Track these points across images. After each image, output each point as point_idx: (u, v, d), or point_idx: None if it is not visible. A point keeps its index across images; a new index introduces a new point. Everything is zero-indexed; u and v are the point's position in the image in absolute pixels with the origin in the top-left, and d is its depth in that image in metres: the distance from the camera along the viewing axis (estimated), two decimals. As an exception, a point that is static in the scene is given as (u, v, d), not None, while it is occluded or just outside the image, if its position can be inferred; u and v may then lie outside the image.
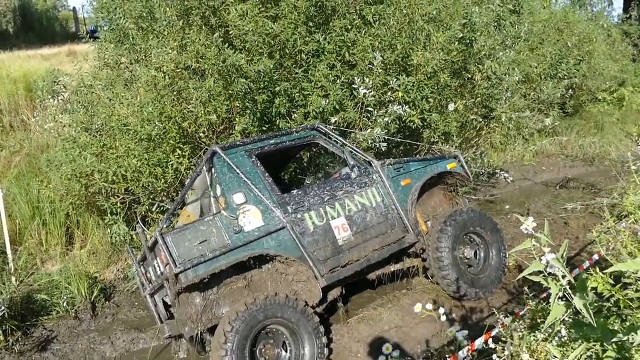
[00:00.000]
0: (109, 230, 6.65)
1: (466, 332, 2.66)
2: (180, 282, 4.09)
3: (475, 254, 5.41)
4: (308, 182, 6.49)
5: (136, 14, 6.43)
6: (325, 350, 4.33)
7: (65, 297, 6.21)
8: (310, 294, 4.57)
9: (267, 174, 4.71)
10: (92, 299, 6.32)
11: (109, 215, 6.45)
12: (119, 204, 6.38)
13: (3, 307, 5.54)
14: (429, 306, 2.92)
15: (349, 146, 5.32)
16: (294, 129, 5.22)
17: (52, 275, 6.60)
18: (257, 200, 4.51)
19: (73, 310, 6.17)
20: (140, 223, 4.82)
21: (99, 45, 7.55)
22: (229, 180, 4.52)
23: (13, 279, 6.44)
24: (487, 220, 5.48)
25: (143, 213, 6.33)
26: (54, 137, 8.94)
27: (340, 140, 5.33)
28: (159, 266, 4.47)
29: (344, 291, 5.11)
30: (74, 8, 37.53)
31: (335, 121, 6.02)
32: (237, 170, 4.52)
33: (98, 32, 7.51)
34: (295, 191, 4.82)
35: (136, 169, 5.95)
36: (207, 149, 5.52)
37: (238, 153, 4.69)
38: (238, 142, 4.80)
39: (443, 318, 2.91)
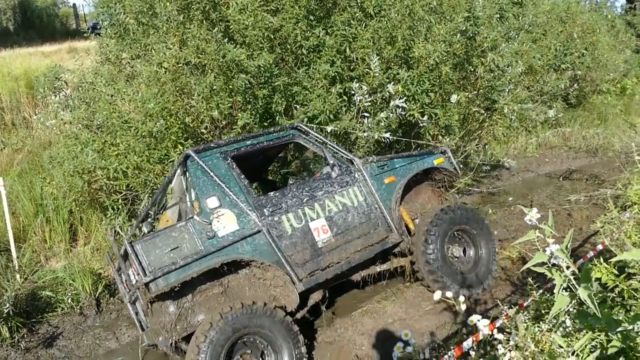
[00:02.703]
0: (111, 226, 6.66)
1: (487, 321, 2.64)
2: (151, 291, 3.96)
3: (464, 251, 5.26)
4: (292, 182, 6.30)
5: (136, 9, 6.42)
6: None
7: (69, 294, 6.23)
8: (288, 299, 4.44)
9: (242, 177, 4.57)
10: (97, 295, 6.34)
11: (110, 211, 6.46)
12: (120, 200, 6.38)
13: (8, 305, 5.57)
14: (449, 294, 2.90)
15: (329, 144, 5.16)
16: (272, 129, 5.08)
17: (56, 272, 6.62)
18: (232, 203, 4.38)
19: (78, 307, 6.19)
20: (112, 232, 4.70)
21: (100, 41, 7.55)
22: (202, 184, 4.39)
23: (17, 276, 6.46)
24: (475, 217, 5.31)
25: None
26: (56, 135, 8.96)
27: (320, 139, 5.16)
28: (134, 274, 4.29)
29: (327, 294, 4.98)
30: (74, 4, 37.49)
31: (331, 130, 5.96)
32: (211, 174, 4.39)
33: (99, 27, 7.49)
34: (272, 193, 4.68)
35: (137, 165, 5.94)
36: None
37: (213, 155, 4.55)
38: (213, 145, 4.65)
39: (463, 307, 2.89)
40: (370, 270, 5.21)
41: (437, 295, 3.09)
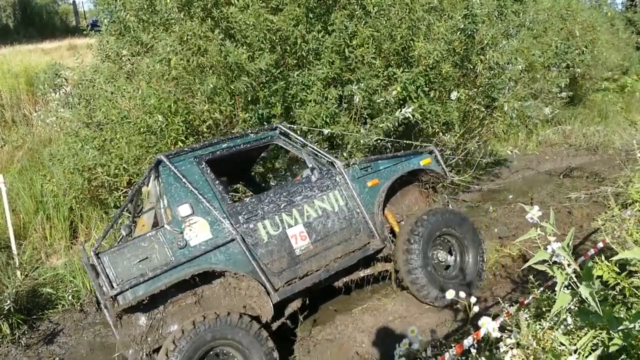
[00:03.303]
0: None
1: (496, 323, 2.62)
2: (119, 304, 3.85)
3: (450, 256, 5.15)
4: (273, 185, 6.19)
5: (136, 5, 6.40)
6: None
7: (70, 291, 6.23)
8: (264, 310, 4.30)
9: (217, 182, 4.41)
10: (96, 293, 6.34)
11: (112, 208, 6.46)
12: (121, 197, 6.39)
13: (9, 301, 5.57)
14: (462, 294, 2.89)
15: (310, 146, 5.01)
16: (250, 131, 4.97)
17: (57, 269, 6.63)
18: (205, 211, 4.22)
19: (78, 304, 6.19)
20: (83, 245, 4.50)
21: (99, 38, 7.53)
22: (174, 191, 4.23)
23: (18, 273, 6.47)
24: (462, 220, 5.18)
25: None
26: (56, 132, 8.96)
27: (300, 141, 5.04)
28: (105, 285, 4.05)
29: (307, 302, 4.88)
30: (73, 1, 37.48)
31: (329, 133, 5.92)
32: (184, 180, 4.24)
33: (99, 24, 7.48)
34: (248, 199, 4.56)
35: (137, 162, 5.93)
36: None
37: (186, 160, 4.40)
38: (186, 149, 4.51)
39: (476, 309, 2.87)
40: (353, 275, 5.07)
41: (450, 294, 3.06)
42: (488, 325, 2.61)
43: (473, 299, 2.94)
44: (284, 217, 4.50)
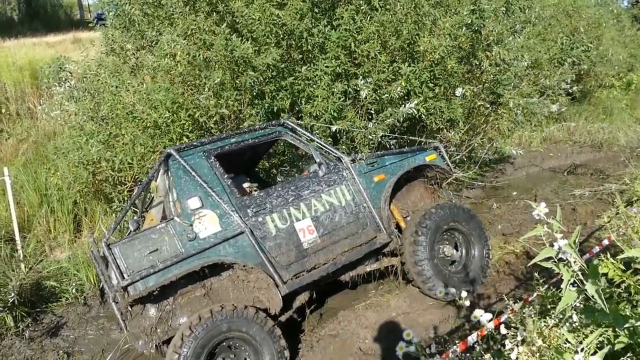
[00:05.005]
0: (116, 217, 6.66)
1: (490, 315, 2.63)
2: (129, 294, 3.91)
3: (456, 250, 5.17)
4: (280, 180, 6.22)
5: None
6: None
7: (74, 284, 6.26)
8: (272, 302, 4.35)
9: (226, 176, 4.47)
10: (101, 285, 6.36)
11: (116, 202, 6.47)
12: (126, 192, 6.38)
13: (13, 294, 5.59)
14: (452, 290, 2.91)
15: (317, 142, 5.05)
16: (257, 126, 4.99)
17: (60, 263, 6.65)
18: (214, 204, 4.28)
19: (82, 297, 6.22)
20: (93, 237, 4.48)
21: (104, 32, 7.52)
22: (184, 184, 4.29)
23: (22, 266, 6.49)
24: (470, 216, 5.20)
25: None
26: (60, 125, 8.97)
27: (307, 136, 5.08)
28: (114, 275, 4.10)
29: (314, 295, 4.91)
30: (78, -5, 37.36)
31: (336, 129, 5.92)
32: (193, 173, 4.30)
33: (105, 16, 7.47)
34: (256, 192, 4.63)
35: (142, 157, 5.93)
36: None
37: (195, 154, 4.45)
38: (195, 143, 4.56)
39: (467, 303, 2.88)
40: (359, 270, 5.11)
41: (441, 292, 3.08)
42: (482, 319, 2.61)
43: (464, 294, 2.94)
44: (292, 210, 4.55)
